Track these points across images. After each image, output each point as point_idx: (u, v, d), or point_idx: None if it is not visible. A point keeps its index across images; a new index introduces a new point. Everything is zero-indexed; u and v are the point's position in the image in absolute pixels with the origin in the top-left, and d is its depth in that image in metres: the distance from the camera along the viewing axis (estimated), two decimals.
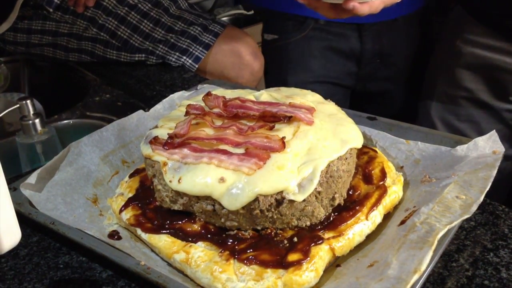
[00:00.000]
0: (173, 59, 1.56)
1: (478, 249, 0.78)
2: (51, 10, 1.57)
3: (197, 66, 1.54)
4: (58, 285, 0.77)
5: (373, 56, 1.52)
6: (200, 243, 0.75)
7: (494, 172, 0.80)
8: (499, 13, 1.21)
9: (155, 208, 0.82)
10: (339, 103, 0.95)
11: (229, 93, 0.95)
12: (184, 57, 1.55)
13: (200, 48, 1.55)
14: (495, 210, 0.85)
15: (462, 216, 0.73)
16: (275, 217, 0.74)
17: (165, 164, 0.78)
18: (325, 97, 0.95)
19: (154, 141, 0.82)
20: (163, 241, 0.76)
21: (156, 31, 1.55)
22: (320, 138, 0.79)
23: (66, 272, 0.79)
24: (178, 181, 0.75)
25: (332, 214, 0.78)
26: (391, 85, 1.58)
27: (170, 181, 0.76)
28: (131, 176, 0.92)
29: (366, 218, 0.77)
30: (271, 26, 1.59)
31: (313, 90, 0.96)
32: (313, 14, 1.19)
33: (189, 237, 0.76)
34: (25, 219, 0.83)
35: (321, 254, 0.70)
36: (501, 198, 1.24)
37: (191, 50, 1.55)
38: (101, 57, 1.60)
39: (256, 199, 0.72)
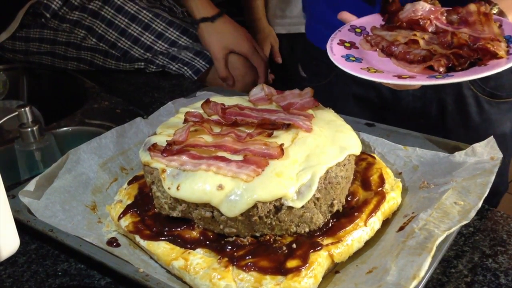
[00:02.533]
0: (174, 68, 1.56)
1: (477, 255, 0.78)
2: (48, 15, 1.57)
3: (196, 78, 1.55)
4: None
5: (409, 107, 1.21)
6: (199, 250, 0.75)
7: (492, 178, 0.80)
8: None
9: (154, 215, 0.82)
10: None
11: (228, 100, 0.95)
12: (185, 68, 1.55)
13: (203, 62, 1.56)
14: (494, 216, 0.85)
15: (461, 222, 0.73)
16: (273, 223, 0.74)
17: (163, 171, 0.78)
18: None
19: (153, 148, 0.82)
20: (162, 248, 0.76)
21: (159, 44, 1.55)
22: (318, 145, 0.80)
23: (64, 280, 0.79)
24: (177, 188, 0.75)
25: (331, 220, 0.78)
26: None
27: (169, 188, 0.76)
28: (129, 183, 0.92)
29: (365, 225, 0.77)
30: (305, 63, 1.42)
31: None
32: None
33: (188, 244, 0.76)
34: (23, 227, 0.83)
35: (320, 261, 0.70)
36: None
37: (193, 63, 1.55)
38: (100, 66, 1.61)
39: (255, 206, 0.72)
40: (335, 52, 0.84)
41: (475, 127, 0.92)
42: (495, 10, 0.86)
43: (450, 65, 0.78)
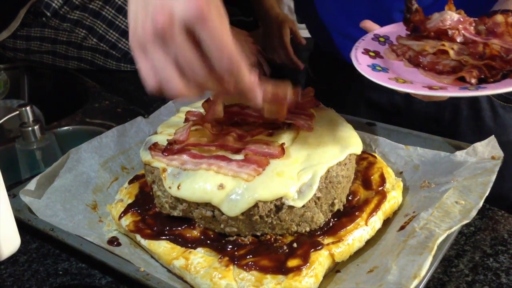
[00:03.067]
0: None
1: (478, 255, 0.78)
2: (48, 14, 1.56)
3: None
4: None
5: (422, 112, 1.20)
6: (199, 249, 0.75)
7: (493, 177, 0.80)
8: None
9: (155, 214, 0.82)
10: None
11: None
12: None
13: None
14: (495, 215, 0.85)
15: (462, 221, 0.73)
16: (274, 223, 0.74)
17: (164, 170, 0.78)
18: None
19: (154, 147, 0.82)
20: (163, 247, 0.76)
21: None
22: (319, 144, 0.80)
23: (65, 279, 0.79)
24: (178, 187, 0.75)
25: (332, 219, 0.78)
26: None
27: (170, 187, 0.76)
28: (130, 182, 0.92)
29: (366, 224, 0.77)
30: (314, 65, 1.43)
31: None
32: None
33: (189, 243, 0.76)
34: (24, 226, 0.83)
35: (320, 260, 0.70)
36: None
37: None
38: (100, 66, 1.61)
39: (256, 205, 0.72)
40: (361, 62, 0.81)
41: (489, 132, 0.91)
42: None
43: (482, 76, 0.75)
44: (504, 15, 0.81)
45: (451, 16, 0.84)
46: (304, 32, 1.71)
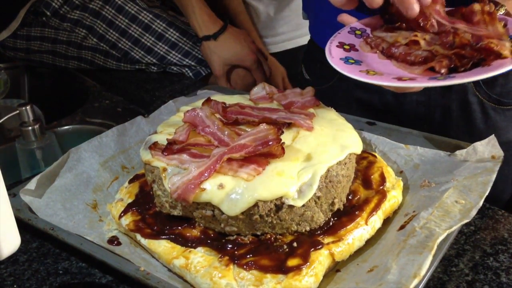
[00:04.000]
0: (175, 69, 1.57)
1: (478, 254, 0.78)
2: (48, 14, 1.57)
3: (195, 80, 1.55)
4: None
5: (413, 112, 1.19)
6: (199, 249, 0.75)
7: (494, 177, 0.80)
8: None
9: (155, 214, 0.82)
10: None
11: (229, 99, 0.95)
12: (186, 69, 1.56)
13: (205, 68, 1.56)
14: (495, 214, 0.85)
15: (462, 220, 0.73)
16: (274, 222, 0.74)
17: (164, 169, 0.78)
18: None
19: (154, 146, 0.82)
20: (163, 246, 0.76)
21: (159, 46, 1.55)
22: (319, 144, 0.79)
23: (65, 278, 0.79)
24: None
25: (332, 219, 0.78)
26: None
27: (170, 187, 0.76)
28: (130, 181, 0.92)
29: (366, 223, 0.77)
30: (309, 66, 1.41)
31: None
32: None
33: (189, 243, 0.76)
34: (24, 225, 0.83)
35: (320, 259, 0.70)
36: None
37: (195, 69, 1.56)
38: (100, 66, 1.61)
39: (256, 205, 0.72)
40: (334, 55, 0.82)
41: (480, 134, 0.90)
42: (502, 11, 0.84)
43: (452, 66, 0.75)
44: (481, 4, 0.80)
45: (424, 2, 0.84)
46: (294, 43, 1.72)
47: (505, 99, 1.12)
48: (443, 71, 0.75)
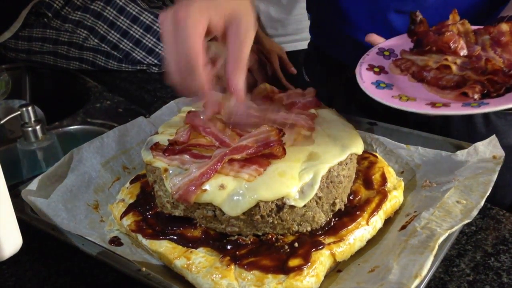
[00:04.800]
0: None
1: (479, 254, 0.78)
2: (50, 15, 1.57)
3: None
4: None
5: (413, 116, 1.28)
6: (200, 249, 0.75)
7: (495, 177, 0.80)
8: None
9: (156, 214, 0.82)
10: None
11: None
12: None
13: None
14: (496, 214, 0.85)
15: (463, 220, 0.73)
16: (275, 222, 0.74)
17: (165, 170, 0.78)
18: None
19: (155, 147, 0.83)
20: (164, 247, 0.76)
21: (160, 47, 1.55)
22: (320, 144, 0.79)
23: (67, 279, 0.79)
24: None
25: (333, 219, 0.78)
26: None
27: (171, 188, 0.76)
28: (132, 182, 0.92)
29: (367, 223, 0.77)
30: (309, 68, 1.42)
31: None
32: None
33: (190, 243, 0.76)
34: (26, 226, 0.82)
35: (322, 259, 0.71)
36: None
37: None
38: (102, 67, 1.61)
39: (257, 205, 0.72)
40: (365, 79, 0.81)
41: (481, 138, 0.90)
42: None
43: (485, 91, 0.74)
44: (509, 24, 0.79)
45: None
46: (293, 46, 1.71)
47: None
48: (476, 96, 0.73)
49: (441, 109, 0.72)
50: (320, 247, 0.72)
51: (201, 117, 0.84)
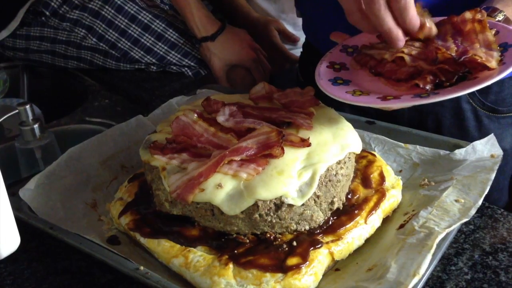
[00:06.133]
0: (174, 68, 1.57)
1: (477, 253, 0.78)
2: (47, 13, 1.56)
3: (194, 79, 1.55)
4: None
5: (406, 118, 1.18)
6: (199, 248, 0.75)
7: (493, 176, 0.80)
8: None
9: (154, 213, 0.82)
10: None
11: (228, 98, 0.95)
12: (185, 68, 1.56)
13: (204, 69, 1.56)
14: (494, 213, 0.85)
15: (461, 219, 0.73)
16: (274, 221, 0.74)
17: (163, 169, 0.78)
18: None
19: (153, 146, 0.82)
20: (162, 245, 0.76)
21: (158, 46, 1.55)
22: (319, 143, 0.79)
23: (65, 277, 0.79)
24: None
25: (331, 218, 0.78)
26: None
27: (169, 186, 0.76)
28: (130, 181, 0.92)
29: (365, 222, 0.77)
30: (303, 68, 1.41)
31: None
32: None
33: (188, 242, 0.76)
34: (24, 224, 0.83)
35: (320, 258, 0.71)
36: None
37: (195, 69, 1.56)
38: (100, 66, 1.60)
39: (255, 204, 0.72)
40: (322, 76, 0.81)
41: (472, 142, 0.90)
42: (500, 17, 0.82)
43: (437, 81, 0.74)
44: (472, 12, 0.79)
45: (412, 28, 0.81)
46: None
47: (499, 106, 1.11)
48: (428, 87, 0.74)
49: (390, 102, 0.72)
50: (319, 246, 0.72)
51: (186, 121, 0.83)
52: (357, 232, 0.76)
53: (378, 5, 0.74)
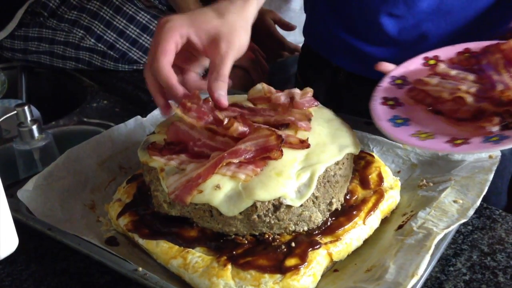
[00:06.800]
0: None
1: (476, 253, 0.78)
2: (46, 14, 1.56)
3: None
4: None
5: None
6: (197, 249, 0.75)
7: (491, 177, 0.80)
8: None
9: (153, 214, 0.82)
10: None
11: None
12: None
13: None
14: (492, 214, 0.86)
15: (459, 220, 0.73)
16: (272, 222, 0.74)
17: (162, 170, 0.78)
18: None
19: (152, 147, 0.82)
20: (161, 246, 0.76)
21: None
22: (317, 144, 0.79)
23: (63, 278, 0.79)
24: None
25: (330, 219, 0.78)
26: None
27: (167, 187, 0.76)
28: (128, 182, 0.91)
29: (364, 223, 0.77)
30: (302, 70, 1.41)
31: None
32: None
33: (187, 243, 0.76)
34: (22, 226, 0.83)
35: (318, 259, 0.71)
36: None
37: None
38: (98, 66, 1.60)
39: (254, 205, 0.72)
40: (382, 117, 0.78)
41: None
42: None
43: (504, 123, 0.71)
44: None
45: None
46: None
47: None
48: (494, 129, 0.71)
49: (461, 148, 0.69)
50: (317, 246, 0.72)
51: (180, 127, 0.83)
52: (356, 233, 0.76)
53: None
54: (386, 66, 0.88)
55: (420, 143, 0.72)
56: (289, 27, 1.68)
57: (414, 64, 0.87)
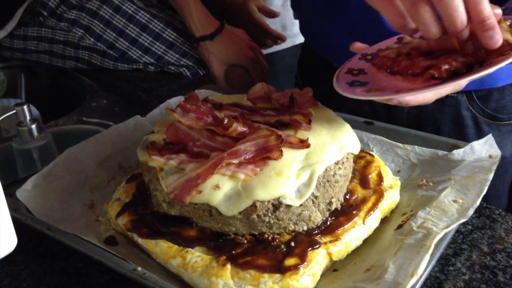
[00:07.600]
0: (173, 68, 1.56)
1: (475, 253, 0.78)
2: (45, 13, 1.56)
3: (193, 79, 1.55)
4: None
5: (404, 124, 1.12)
6: (197, 248, 0.75)
7: (491, 176, 0.80)
8: None
9: (152, 213, 0.82)
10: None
11: (226, 99, 0.95)
12: (183, 68, 1.55)
13: (202, 68, 1.56)
14: (492, 214, 0.86)
15: (459, 220, 0.73)
16: (272, 221, 0.74)
17: (161, 169, 0.78)
18: None
19: (151, 146, 0.82)
20: (160, 246, 0.76)
21: (156, 46, 1.55)
22: (317, 143, 0.79)
23: (62, 278, 0.79)
24: None
25: (329, 218, 0.78)
26: None
27: (167, 187, 0.76)
28: (127, 181, 0.91)
29: (363, 223, 0.77)
30: (302, 70, 1.42)
31: None
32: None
33: (186, 242, 0.76)
34: (21, 225, 0.82)
35: (318, 259, 0.70)
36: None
37: (193, 69, 1.55)
38: (97, 66, 1.60)
39: (253, 205, 0.72)
40: (340, 80, 0.80)
41: None
42: None
43: (452, 70, 0.71)
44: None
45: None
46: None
47: (500, 114, 1.10)
48: (444, 75, 0.71)
49: (403, 93, 0.70)
50: (317, 246, 0.72)
51: (181, 128, 0.83)
52: (355, 233, 0.76)
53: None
54: (359, 45, 0.89)
55: (367, 95, 0.73)
56: (272, 14, 1.68)
57: (387, 43, 0.88)
